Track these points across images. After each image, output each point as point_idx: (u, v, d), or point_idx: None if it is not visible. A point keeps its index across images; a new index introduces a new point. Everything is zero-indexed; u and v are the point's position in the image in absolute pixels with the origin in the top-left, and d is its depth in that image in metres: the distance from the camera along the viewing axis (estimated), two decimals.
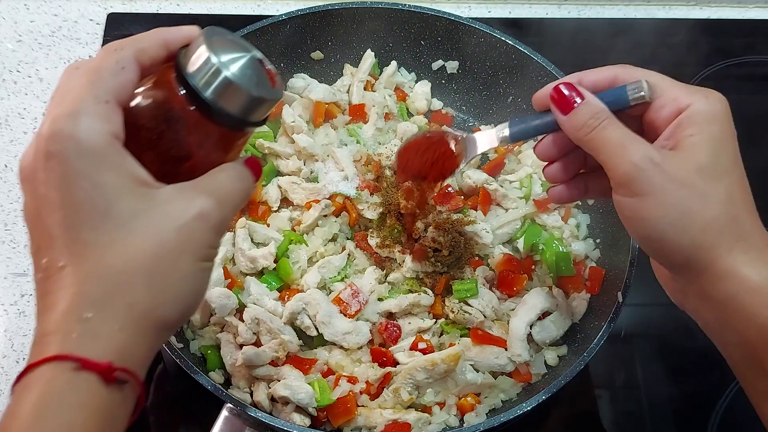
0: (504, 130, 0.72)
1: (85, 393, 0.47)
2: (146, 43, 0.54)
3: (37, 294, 0.51)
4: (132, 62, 0.53)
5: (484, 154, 1.10)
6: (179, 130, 0.55)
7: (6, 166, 1.11)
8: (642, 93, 0.65)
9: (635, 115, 0.67)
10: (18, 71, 1.20)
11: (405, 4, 1.07)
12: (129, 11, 1.27)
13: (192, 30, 0.55)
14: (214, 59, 0.53)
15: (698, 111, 0.63)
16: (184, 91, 0.54)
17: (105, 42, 1.23)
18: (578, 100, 0.65)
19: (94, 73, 0.51)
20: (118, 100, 0.52)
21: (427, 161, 0.83)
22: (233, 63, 0.54)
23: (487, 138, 0.76)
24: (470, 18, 1.08)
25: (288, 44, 1.08)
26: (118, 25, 1.24)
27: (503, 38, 1.05)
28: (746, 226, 0.62)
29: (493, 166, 1.07)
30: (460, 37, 1.08)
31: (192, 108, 0.54)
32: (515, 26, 1.24)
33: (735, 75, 1.29)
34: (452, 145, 0.80)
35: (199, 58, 0.53)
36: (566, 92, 0.66)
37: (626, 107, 0.66)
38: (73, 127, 0.49)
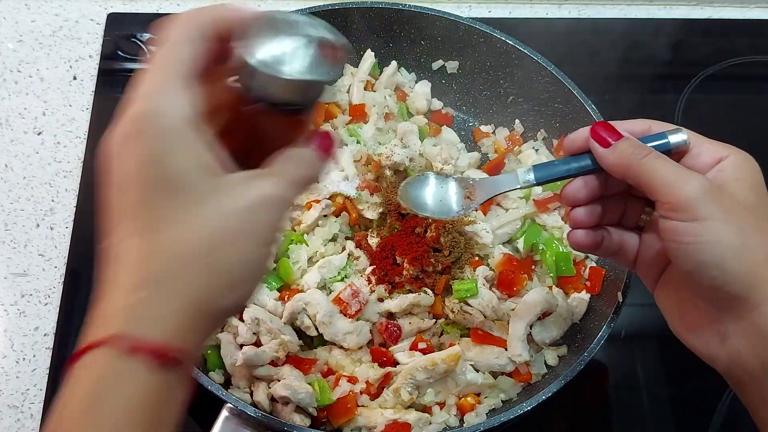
0: (528, 174, 0.71)
1: (138, 379, 0.47)
2: (213, 16, 0.54)
3: (99, 277, 0.51)
4: (201, 38, 0.53)
5: (484, 154, 1.10)
6: (238, 118, 0.56)
7: (6, 166, 1.10)
8: (684, 138, 0.66)
9: None
10: (19, 71, 1.20)
11: (405, 4, 1.07)
12: (129, 11, 1.27)
13: (247, 13, 0.55)
14: (249, 48, 0.53)
15: (738, 160, 0.65)
16: (234, 79, 0.55)
17: (105, 42, 1.23)
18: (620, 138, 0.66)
19: (173, 49, 0.52)
20: (197, 76, 0.52)
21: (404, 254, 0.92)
22: (266, 48, 0.53)
23: (508, 180, 0.74)
24: (470, 18, 1.08)
25: None
26: (118, 25, 1.24)
27: (503, 38, 1.05)
28: None
29: (493, 166, 1.07)
30: (460, 37, 1.08)
31: (242, 95, 0.55)
32: (516, 26, 1.24)
33: (736, 75, 1.28)
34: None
35: (246, 47, 0.53)
36: (607, 130, 0.67)
37: (667, 151, 0.66)
38: (155, 107, 0.50)
